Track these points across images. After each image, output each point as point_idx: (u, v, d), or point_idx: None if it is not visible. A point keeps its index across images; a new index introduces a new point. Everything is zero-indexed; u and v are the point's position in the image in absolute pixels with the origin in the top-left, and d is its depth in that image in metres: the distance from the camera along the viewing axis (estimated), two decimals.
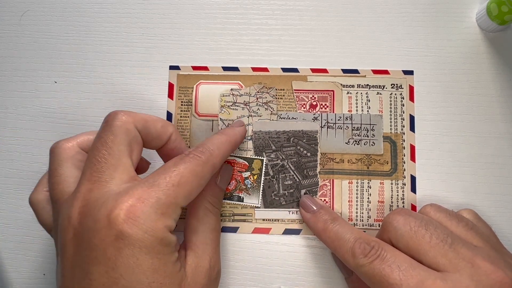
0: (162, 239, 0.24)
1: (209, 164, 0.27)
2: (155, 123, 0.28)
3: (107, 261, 0.23)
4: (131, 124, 0.27)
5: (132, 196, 0.23)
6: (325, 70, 0.35)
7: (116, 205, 0.23)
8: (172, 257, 0.25)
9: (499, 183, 0.34)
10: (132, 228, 0.23)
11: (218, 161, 0.28)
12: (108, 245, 0.23)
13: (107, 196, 0.24)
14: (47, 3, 0.38)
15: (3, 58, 0.37)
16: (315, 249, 0.34)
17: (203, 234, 0.29)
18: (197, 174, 0.26)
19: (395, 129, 0.35)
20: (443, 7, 0.36)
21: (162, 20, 0.37)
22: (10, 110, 0.36)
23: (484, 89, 0.35)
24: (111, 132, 0.26)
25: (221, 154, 0.28)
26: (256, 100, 0.35)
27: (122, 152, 0.26)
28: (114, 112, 0.27)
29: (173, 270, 0.24)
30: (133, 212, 0.23)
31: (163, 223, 0.24)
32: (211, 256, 0.28)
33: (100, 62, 0.37)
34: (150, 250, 0.23)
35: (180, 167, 0.25)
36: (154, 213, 0.23)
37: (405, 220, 0.26)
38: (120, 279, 0.23)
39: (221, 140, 0.29)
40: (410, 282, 0.24)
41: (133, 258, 0.23)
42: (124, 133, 0.26)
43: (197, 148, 0.27)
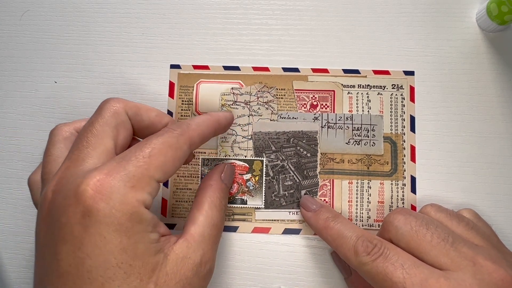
0: (132, 214, 0.22)
1: (185, 136, 0.26)
2: (148, 111, 0.28)
3: (74, 240, 0.22)
4: (121, 109, 0.27)
5: (101, 171, 0.22)
6: (326, 70, 0.35)
7: (84, 181, 0.22)
8: (146, 237, 0.23)
9: (499, 183, 0.34)
10: (99, 203, 0.22)
11: (196, 134, 0.27)
12: (75, 223, 0.22)
13: (79, 174, 0.23)
14: (47, 3, 0.38)
15: (3, 58, 0.37)
16: (315, 249, 0.34)
17: (202, 227, 0.27)
18: (170, 145, 0.25)
19: (396, 130, 0.35)
20: (443, 7, 0.36)
21: (162, 20, 0.37)
22: (10, 110, 0.36)
23: (484, 89, 0.35)
24: (99, 114, 0.26)
25: (200, 129, 0.27)
26: (257, 100, 0.35)
27: (106, 132, 0.25)
28: (108, 98, 0.27)
29: (145, 252, 0.23)
30: (100, 187, 0.22)
31: (133, 196, 0.23)
32: (205, 251, 0.26)
33: (100, 62, 0.37)
34: (118, 228, 0.22)
35: (152, 140, 0.25)
36: (123, 187, 0.22)
37: (406, 220, 0.26)
38: (86, 259, 0.22)
39: (201, 117, 0.28)
40: (414, 280, 0.23)
41: (100, 237, 0.22)
42: (112, 116, 0.26)
43: (174, 124, 0.27)
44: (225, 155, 0.34)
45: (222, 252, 0.34)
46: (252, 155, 0.34)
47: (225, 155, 0.34)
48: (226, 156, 0.34)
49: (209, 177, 0.30)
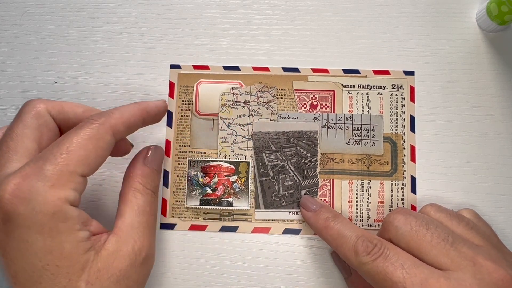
0: (54, 214, 0.22)
1: (106, 125, 0.25)
2: (74, 108, 0.28)
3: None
4: (43, 110, 0.26)
5: (18, 175, 0.22)
6: (326, 70, 0.35)
7: (1, 187, 0.22)
8: (73, 236, 0.23)
9: (499, 183, 0.34)
10: (18, 207, 0.21)
11: (119, 122, 0.26)
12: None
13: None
14: (47, 3, 0.38)
15: (3, 58, 0.37)
16: (315, 249, 0.34)
17: (129, 217, 0.26)
18: (91, 137, 0.24)
19: (396, 130, 0.35)
20: (443, 7, 0.36)
21: (162, 20, 0.37)
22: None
23: (484, 89, 0.35)
24: (19, 117, 0.25)
25: (125, 117, 0.26)
26: (257, 100, 0.35)
27: (26, 135, 0.25)
28: (28, 100, 0.27)
29: (73, 251, 0.22)
30: (18, 190, 0.22)
31: (54, 195, 0.22)
32: (136, 239, 0.25)
33: (100, 62, 0.37)
34: (40, 229, 0.22)
35: (70, 135, 0.24)
36: (42, 187, 0.22)
37: (406, 220, 0.26)
38: (10, 264, 0.22)
39: (127, 105, 0.28)
40: (414, 280, 0.23)
41: (22, 241, 0.21)
42: (33, 118, 0.25)
43: (95, 114, 0.26)
44: (225, 155, 0.34)
45: (222, 252, 0.34)
46: (252, 155, 0.34)
47: (225, 155, 0.34)
48: (226, 156, 0.34)
49: (131, 164, 0.29)
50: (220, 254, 0.34)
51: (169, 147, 0.35)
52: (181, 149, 0.35)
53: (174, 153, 0.35)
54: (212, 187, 0.34)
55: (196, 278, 0.33)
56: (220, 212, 0.34)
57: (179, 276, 0.33)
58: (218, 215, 0.34)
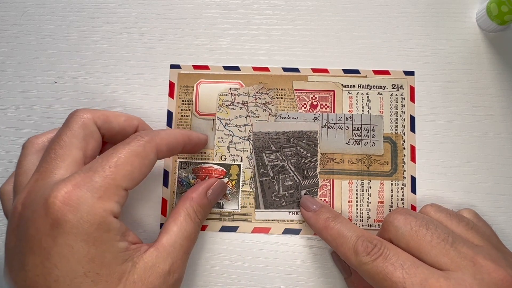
0: (99, 224, 0.23)
1: (151, 144, 0.26)
2: (117, 117, 0.29)
3: (41, 251, 0.22)
4: (90, 120, 0.27)
5: (69, 183, 0.23)
6: (326, 70, 0.35)
7: (52, 193, 0.23)
8: (114, 246, 0.24)
9: (499, 183, 0.34)
10: (67, 215, 0.22)
11: (164, 143, 0.27)
12: (43, 234, 0.22)
13: (47, 186, 0.24)
14: (47, 3, 0.38)
15: (3, 58, 0.37)
16: (315, 249, 0.34)
17: (174, 237, 0.27)
18: (137, 154, 0.25)
19: (396, 130, 0.35)
20: (443, 7, 0.36)
21: (162, 20, 0.37)
22: (10, 110, 0.36)
23: (484, 89, 0.35)
24: (67, 126, 0.26)
25: (168, 139, 0.28)
26: (255, 101, 0.35)
27: (74, 144, 0.26)
28: (76, 109, 0.28)
29: (113, 261, 0.23)
30: (68, 199, 0.22)
31: (101, 207, 0.23)
32: (174, 260, 0.26)
33: (100, 62, 0.37)
34: (86, 238, 0.23)
35: (118, 149, 0.25)
36: (91, 197, 0.23)
37: (405, 220, 0.26)
38: (53, 269, 0.22)
39: (173, 129, 0.29)
40: (414, 281, 0.24)
41: (67, 247, 0.22)
42: (81, 128, 0.26)
43: (142, 132, 0.27)
44: (221, 155, 0.34)
45: (222, 252, 0.34)
46: (248, 156, 0.34)
47: (221, 155, 0.34)
48: (222, 156, 0.34)
49: (194, 189, 0.31)
50: (220, 254, 0.34)
51: None
52: None
53: None
54: None
55: (196, 278, 0.33)
56: (220, 212, 0.34)
57: None
58: (218, 215, 0.34)
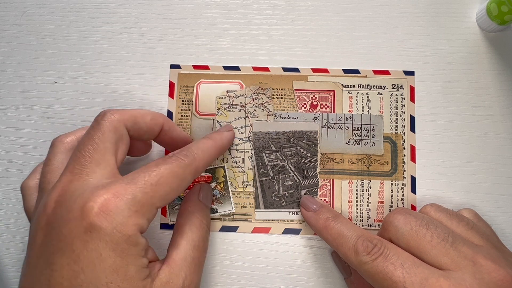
0: (130, 237, 0.23)
1: (191, 167, 0.27)
2: (144, 117, 0.29)
3: (71, 253, 0.22)
4: (120, 123, 0.27)
5: (109, 191, 0.23)
6: (326, 70, 0.35)
7: (91, 198, 0.23)
8: (138, 261, 0.24)
9: (499, 183, 0.34)
10: (103, 221, 0.22)
11: (201, 164, 0.28)
12: (76, 236, 0.22)
13: (84, 188, 0.24)
14: (47, 3, 0.38)
15: (3, 58, 0.37)
16: (315, 249, 0.34)
17: (184, 250, 0.27)
18: (177, 176, 0.26)
19: (396, 130, 0.35)
20: (443, 7, 0.36)
21: (162, 20, 0.37)
22: (10, 110, 0.36)
23: (484, 89, 0.35)
24: (99, 130, 0.26)
25: (206, 158, 0.28)
26: (252, 101, 0.35)
27: (108, 149, 0.26)
28: (105, 110, 0.27)
29: (135, 275, 0.23)
30: (106, 206, 0.23)
31: (134, 220, 0.23)
32: (187, 274, 0.26)
33: (100, 62, 0.37)
34: (115, 247, 0.23)
35: (161, 168, 0.25)
36: (128, 210, 0.23)
37: (405, 219, 0.26)
38: (80, 273, 0.22)
39: (206, 144, 0.29)
40: (414, 280, 0.24)
41: (96, 253, 0.22)
42: (112, 131, 0.26)
43: (182, 151, 0.27)
44: (223, 158, 0.34)
45: (222, 252, 0.34)
46: (249, 157, 0.34)
47: (223, 157, 0.34)
48: (224, 159, 0.34)
49: (186, 199, 0.31)
50: (220, 254, 0.34)
51: None
52: None
53: None
54: None
55: None
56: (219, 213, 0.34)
57: None
58: (218, 215, 0.34)
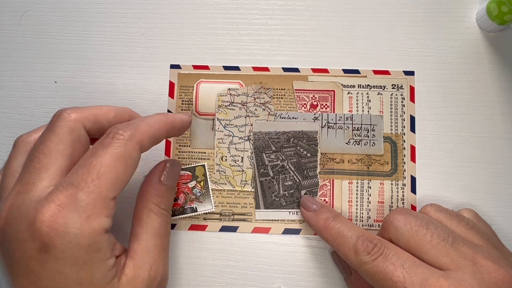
0: (89, 246, 0.22)
1: (133, 141, 0.24)
2: (106, 115, 0.27)
3: (30, 274, 0.22)
4: (77, 123, 0.25)
5: (53, 202, 0.22)
6: (326, 70, 0.35)
7: (37, 216, 0.21)
8: (103, 266, 0.23)
9: (499, 183, 0.34)
10: (55, 239, 0.21)
11: (146, 137, 0.25)
12: (30, 257, 0.22)
13: (29, 204, 0.22)
14: (47, 3, 0.38)
15: (3, 58, 0.37)
16: (315, 249, 0.34)
17: (144, 240, 0.26)
18: (119, 157, 0.23)
19: (396, 130, 0.35)
20: (443, 7, 0.36)
21: (162, 20, 0.37)
22: (10, 110, 0.36)
23: (484, 89, 0.35)
24: (53, 131, 0.24)
25: (151, 131, 0.25)
26: (254, 101, 0.35)
27: (60, 152, 0.24)
28: (61, 110, 0.26)
29: (102, 281, 0.23)
30: (55, 222, 0.21)
31: (89, 227, 0.22)
32: (151, 264, 0.25)
33: (100, 62, 0.37)
34: (75, 261, 0.22)
35: (98, 155, 0.23)
36: (78, 218, 0.22)
37: (405, 220, 0.26)
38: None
39: (154, 118, 0.26)
40: (414, 280, 0.24)
41: (56, 272, 0.22)
42: (67, 133, 0.24)
43: (121, 125, 0.25)
44: (222, 156, 0.34)
45: (222, 252, 0.34)
46: (249, 156, 0.34)
47: (222, 156, 0.34)
48: (223, 157, 0.34)
49: (146, 181, 0.29)
50: (220, 254, 0.34)
51: (169, 147, 0.35)
52: (181, 149, 0.35)
53: (174, 153, 0.35)
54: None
55: (196, 278, 0.33)
56: (220, 212, 0.34)
57: (179, 276, 0.33)
58: (218, 215, 0.34)
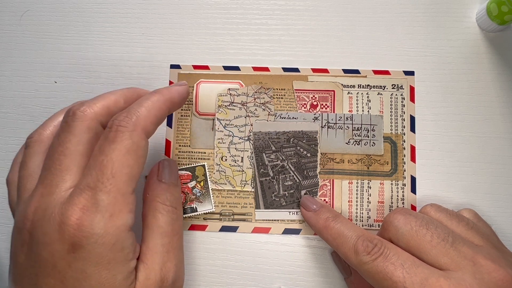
0: (114, 245, 0.22)
1: (137, 131, 0.24)
2: (117, 103, 0.26)
3: (57, 274, 0.22)
4: (93, 121, 0.25)
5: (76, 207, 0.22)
6: (326, 70, 0.35)
7: (63, 219, 0.22)
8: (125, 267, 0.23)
9: (499, 183, 0.34)
10: (82, 241, 0.22)
11: (149, 123, 0.25)
12: (58, 258, 0.22)
13: (54, 206, 0.23)
14: (47, 3, 0.38)
15: (3, 58, 0.37)
16: (315, 249, 0.34)
17: (152, 241, 0.26)
18: (128, 150, 0.23)
19: (396, 130, 0.35)
20: (443, 7, 0.36)
21: (162, 20, 0.37)
22: (10, 110, 0.36)
23: (484, 89, 0.35)
24: (70, 132, 0.24)
25: (152, 115, 0.25)
26: (254, 101, 0.35)
27: (79, 152, 0.24)
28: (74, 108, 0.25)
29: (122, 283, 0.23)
30: (81, 225, 0.22)
31: (114, 225, 0.22)
32: (161, 265, 0.25)
33: (100, 62, 0.37)
34: (99, 260, 0.22)
35: (107, 152, 0.23)
36: (102, 219, 0.22)
37: (405, 220, 0.26)
38: None
39: (152, 99, 0.26)
40: (414, 280, 0.24)
41: (82, 272, 0.22)
42: (85, 132, 0.24)
43: (121, 116, 0.24)
44: (222, 156, 0.34)
45: (222, 252, 0.34)
46: (249, 156, 0.34)
47: (222, 156, 0.34)
48: (223, 157, 0.34)
49: (146, 185, 0.29)
50: (220, 254, 0.34)
51: (169, 147, 0.35)
52: (181, 149, 0.35)
53: (174, 153, 0.35)
54: None
55: (196, 278, 0.33)
56: (220, 212, 0.34)
57: None
58: (218, 215, 0.34)
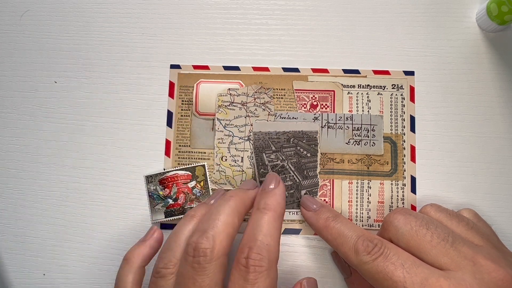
0: None
1: (273, 267, 0.27)
2: (234, 225, 0.28)
3: None
4: (224, 257, 0.27)
5: None
6: (326, 70, 0.35)
7: None
8: None
9: (499, 183, 0.34)
10: None
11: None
12: None
13: None
14: (47, 3, 0.38)
15: (3, 58, 0.37)
16: (315, 249, 0.34)
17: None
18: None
19: (396, 130, 0.35)
20: (443, 7, 0.36)
21: (162, 20, 0.37)
22: (10, 110, 0.36)
23: (484, 89, 0.35)
24: (205, 274, 0.26)
25: (277, 241, 0.28)
26: (254, 101, 0.35)
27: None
28: (202, 246, 0.27)
29: None
30: None
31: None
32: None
33: (100, 62, 0.37)
34: None
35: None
36: None
37: (405, 219, 0.26)
38: None
39: (269, 220, 0.28)
40: (414, 280, 0.24)
41: None
42: (219, 272, 0.27)
43: (252, 252, 0.26)
44: (222, 156, 0.34)
45: None
46: (249, 156, 0.34)
47: (222, 156, 0.34)
48: (223, 157, 0.34)
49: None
50: None
51: (169, 147, 0.35)
52: (181, 149, 0.35)
53: (174, 153, 0.35)
54: (173, 197, 0.34)
55: None
56: None
57: None
58: None
